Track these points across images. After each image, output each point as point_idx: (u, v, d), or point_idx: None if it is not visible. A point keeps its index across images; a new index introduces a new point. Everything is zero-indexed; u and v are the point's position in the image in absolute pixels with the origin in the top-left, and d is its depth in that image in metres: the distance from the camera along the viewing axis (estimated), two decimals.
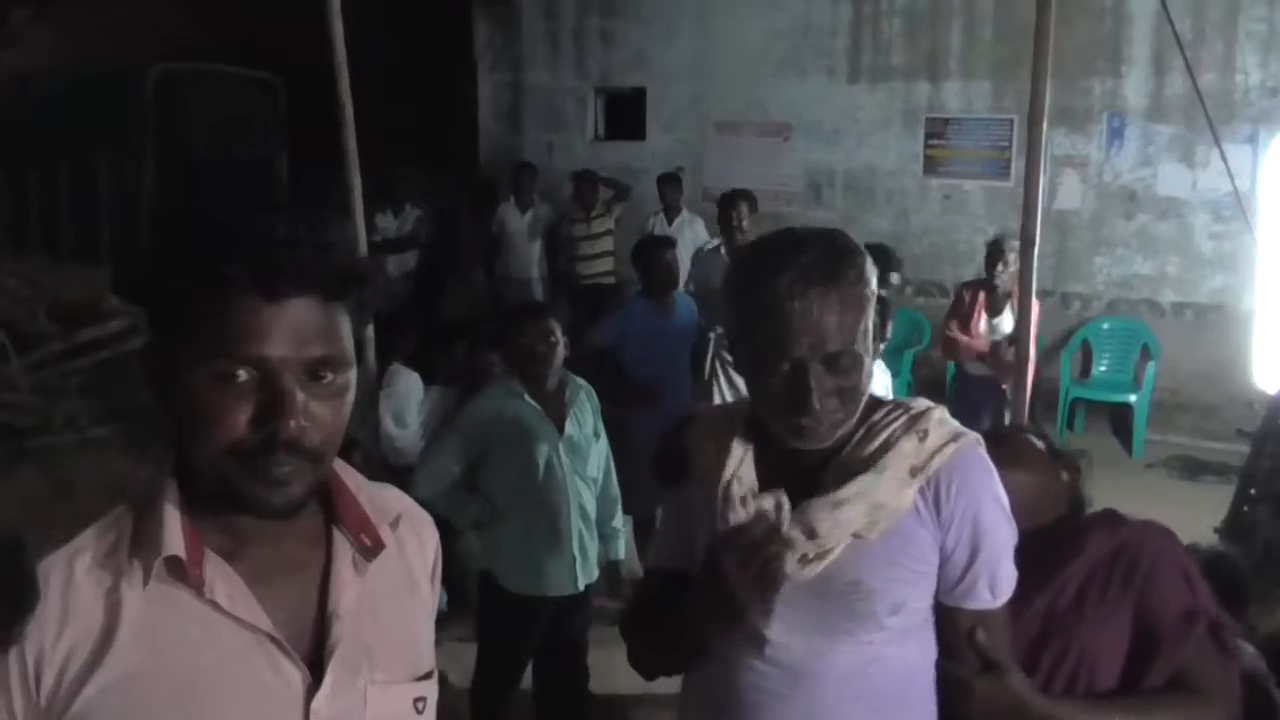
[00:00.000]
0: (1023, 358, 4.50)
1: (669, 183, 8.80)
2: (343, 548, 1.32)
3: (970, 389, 6.52)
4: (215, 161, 10.20)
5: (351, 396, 1.25)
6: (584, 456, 3.93)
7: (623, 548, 4.27)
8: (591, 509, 4.00)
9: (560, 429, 3.86)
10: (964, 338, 6.56)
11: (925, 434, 1.73)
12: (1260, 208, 7.97)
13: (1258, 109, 8.16)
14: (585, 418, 3.97)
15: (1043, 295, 8.01)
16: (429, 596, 1.46)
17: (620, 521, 4.24)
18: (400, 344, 6.46)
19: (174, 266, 1.18)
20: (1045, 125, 4.52)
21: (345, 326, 1.23)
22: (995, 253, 6.55)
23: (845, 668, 1.74)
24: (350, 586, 1.30)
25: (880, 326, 1.76)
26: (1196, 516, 5.26)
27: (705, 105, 10.42)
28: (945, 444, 1.73)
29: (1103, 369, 8.81)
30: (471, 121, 11.68)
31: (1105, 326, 8.86)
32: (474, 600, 4.17)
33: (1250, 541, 5.04)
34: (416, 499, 3.99)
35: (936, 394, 4.49)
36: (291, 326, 1.17)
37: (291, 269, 1.15)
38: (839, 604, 1.71)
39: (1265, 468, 5.24)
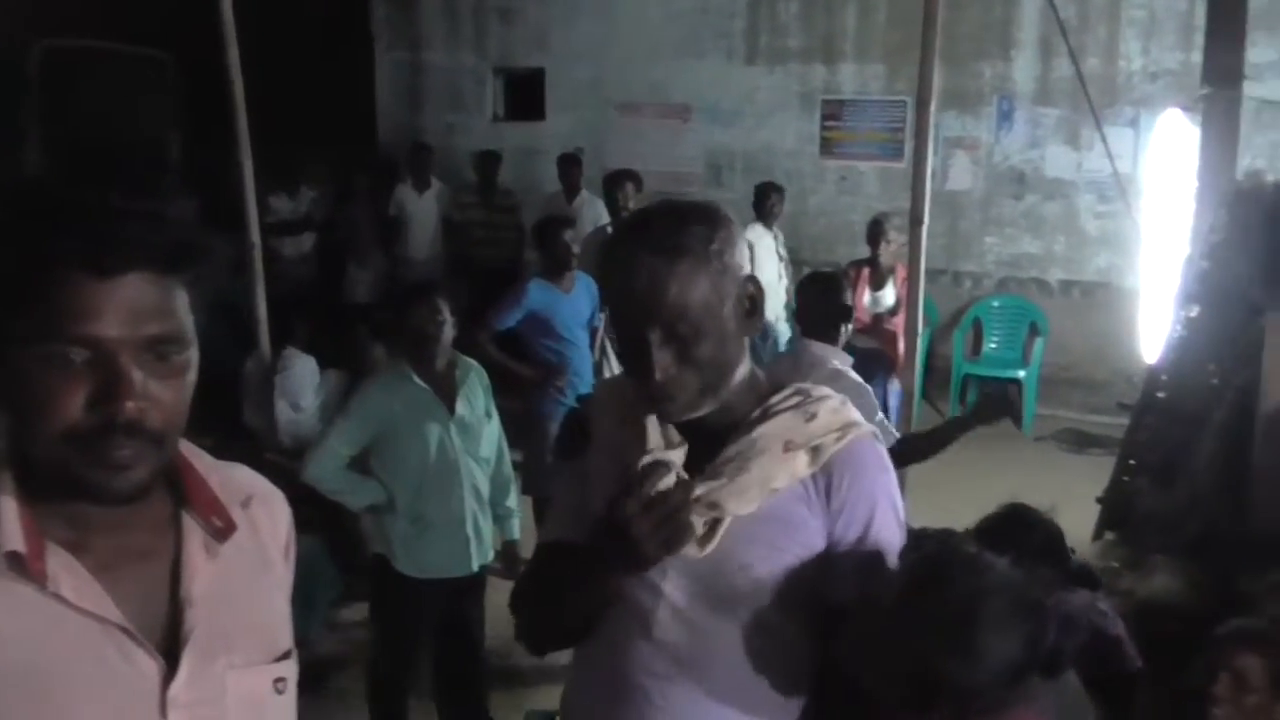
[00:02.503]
0: (911, 332, 4.63)
1: (568, 163, 8.77)
2: (193, 531, 1.28)
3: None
4: (104, 143, 9.89)
5: (193, 375, 1.20)
6: (476, 437, 3.92)
7: (518, 527, 4.27)
8: (485, 489, 3.99)
9: (451, 410, 3.84)
10: None
11: (813, 416, 1.73)
12: (1143, 189, 8.23)
13: (1139, 93, 8.41)
14: (476, 398, 3.95)
15: (935, 274, 8.22)
16: (284, 575, 1.42)
17: (515, 501, 4.24)
18: (297, 328, 6.39)
19: (1, 243, 1.13)
20: (934, 107, 4.62)
21: (183, 302, 1.19)
22: (876, 231, 7.02)
23: (733, 653, 1.74)
24: (203, 571, 1.27)
25: (749, 311, 1.72)
26: (1082, 488, 5.46)
27: (605, 86, 10.41)
28: (836, 430, 1.73)
29: (993, 346, 9.03)
30: (369, 101, 11.52)
31: (995, 304, 9.09)
32: (369, 584, 4.16)
33: (1131, 511, 5.23)
34: (308, 483, 3.94)
35: None
36: (126, 304, 1.12)
37: (124, 243, 1.11)
38: (727, 587, 1.71)
39: (1144, 441, 5.44)
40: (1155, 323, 8.31)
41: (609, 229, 6.62)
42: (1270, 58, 7.72)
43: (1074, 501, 3.64)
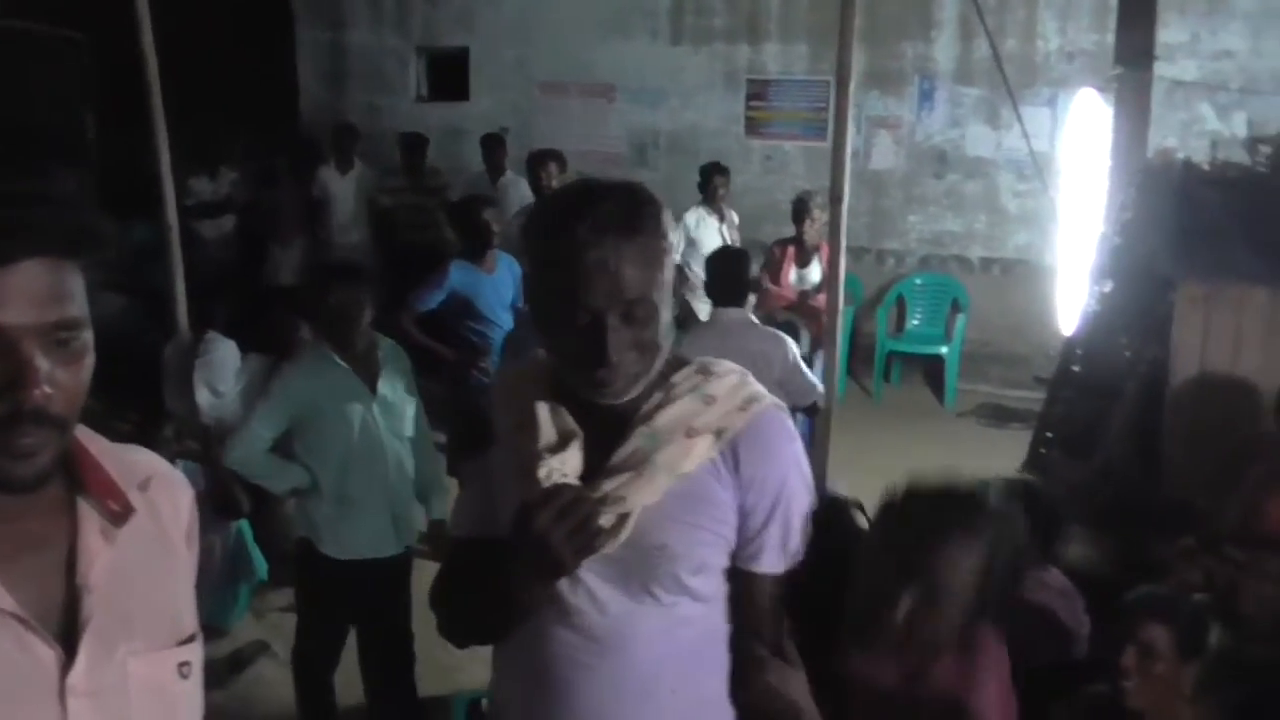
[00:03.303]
0: (832, 309, 4.69)
1: (493, 143, 8.71)
2: (89, 517, 1.25)
3: None
4: (17, 125, 9.65)
5: (92, 359, 1.19)
6: (398, 417, 3.90)
7: (444, 507, 4.26)
8: (409, 469, 3.97)
9: (372, 390, 3.83)
10: (774, 288, 7.00)
11: (712, 399, 1.74)
12: (1060, 168, 8.38)
13: (1057, 73, 8.55)
14: (397, 378, 3.93)
15: (859, 252, 8.33)
16: (187, 558, 1.40)
17: (441, 481, 4.23)
18: (218, 311, 6.29)
19: None
20: (853, 86, 4.66)
21: (80, 286, 1.17)
22: (801, 209, 7.12)
23: (651, 631, 1.74)
24: (100, 556, 1.24)
25: (673, 289, 1.74)
26: (1003, 461, 5.57)
27: (530, 66, 10.36)
28: (739, 409, 1.74)
29: (916, 323, 9.16)
30: (291, 82, 11.34)
31: (918, 282, 9.20)
32: (294, 569, 4.13)
33: (1049, 481, 5.34)
34: (230, 467, 3.89)
35: None
36: (26, 290, 1.10)
37: (21, 228, 1.09)
38: (643, 567, 1.72)
39: (1059, 413, 5.55)
40: (1071, 298, 8.49)
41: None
42: (1181, 39, 7.90)
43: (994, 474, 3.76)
